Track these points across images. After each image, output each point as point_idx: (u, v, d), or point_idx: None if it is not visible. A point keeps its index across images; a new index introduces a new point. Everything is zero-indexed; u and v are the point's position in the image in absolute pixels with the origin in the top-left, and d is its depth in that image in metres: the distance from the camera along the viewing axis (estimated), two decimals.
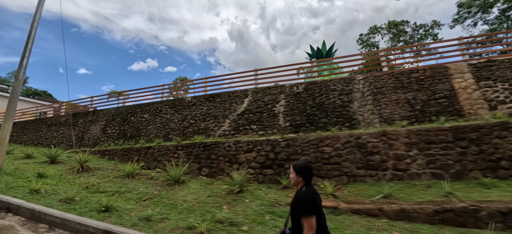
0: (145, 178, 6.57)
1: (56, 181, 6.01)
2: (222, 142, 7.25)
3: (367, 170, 5.79)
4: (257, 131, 9.15)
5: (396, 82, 8.29)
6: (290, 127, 8.82)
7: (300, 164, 1.95)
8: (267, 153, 6.64)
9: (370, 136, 6.05)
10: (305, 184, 1.88)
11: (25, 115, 18.27)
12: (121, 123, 12.29)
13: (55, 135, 13.97)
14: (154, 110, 11.74)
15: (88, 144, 12.40)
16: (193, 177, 6.82)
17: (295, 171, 1.92)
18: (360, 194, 5.02)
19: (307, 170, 1.90)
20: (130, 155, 8.98)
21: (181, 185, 5.93)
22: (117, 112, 12.80)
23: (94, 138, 12.59)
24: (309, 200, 1.72)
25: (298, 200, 1.77)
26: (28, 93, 32.86)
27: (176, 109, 11.22)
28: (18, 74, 7.25)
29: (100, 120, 13.03)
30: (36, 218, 3.52)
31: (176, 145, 8.12)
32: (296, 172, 1.91)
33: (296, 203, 1.79)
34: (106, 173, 7.07)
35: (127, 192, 5.30)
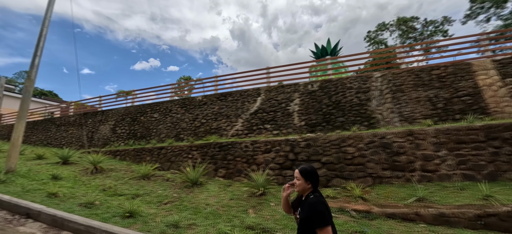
0: (161, 180, 6.40)
1: (71, 183, 5.86)
2: (239, 142, 7.05)
3: (393, 171, 5.54)
4: (271, 131, 8.93)
5: (416, 79, 8.00)
6: (305, 126, 8.59)
7: (307, 168, 1.76)
8: (286, 153, 6.42)
9: (395, 136, 5.80)
10: (313, 191, 1.70)
11: (33, 116, 18.25)
12: (131, 123, 12.16)
13: (64, 135, 13.90)
14: (164, 110, 11.58)
15: (98, 144, 12.30)
16: (209, 179, 6.63)
17: (303, 176, 1.72)
18: (390, 196, 4.78)
19: (316, 175, 1.73)
20: (142, 156, 8.83)
21: (199, 187, 5.75)
22: (126, 112, 12.67)
23: (103, 137, 12.48)
24: (324, 208, 1.56)
25: (312, 209, 1.57)
26: (34, 93, 33.00)
27: (187, 108, 11.04)
28: (31, 73, 7.12)
29: (109, 120, 12.91)
30: (58, 224, 3.35)
31: (190, 145, 7.94)
32: (305, 178, 1.72)
33: (309, 213, 1.58)
34: (120, 175, 6.91)
35: (145, 194, 5.12)
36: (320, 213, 1.53)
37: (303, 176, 1.72)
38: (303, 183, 1.72)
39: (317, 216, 1.52)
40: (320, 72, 12.01)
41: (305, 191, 1.73)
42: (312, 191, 1.70)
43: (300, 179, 1.73)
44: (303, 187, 1.72)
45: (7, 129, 16.72)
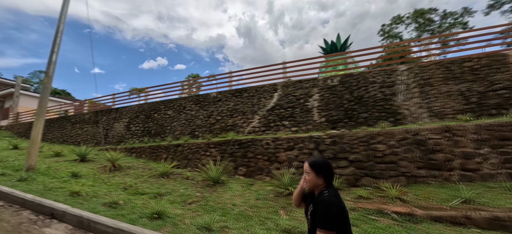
0: (180, 178, 6.21)
1: (91, 181, 5.75)
2: (259, 139, 6.79)
3: (429, 170, 5.15)
4: (289, 127, 8.62)
5: (446, 72, 7.50)
6: (326, 123, 8.24)
7: (319, 161, 1.52)
8: (311, 150, 6.11)
9: (430, 132, 5.40)
10: (326, 186, 1.47)
11: (49, 114, 18.53)
12: (145, 120, 12.09)
13: (79, 132, 14.00)
14: (178, 107, 11.44)
15: (113, 141, 12.30)
16: (230, 177, 6.40)
17: (314, 170, 1.49)
18: (430, 198, 4.42)
19: (329, 169, 1.50)
20: (158, 153, 8.70)
21: (221, 185, 5.52)
22: (140, 109, 12.61)
23: (118, 135, 12.47)
24: (336, 209, 1.34)
25: (321, 207, 1.37)
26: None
27: (201, 105, 10.85)
28: (49, 70, 7.05)
29: (123, 117, 12.89)
30: (84, 226, 3.18)
31: (207, 142, 7.74)
32: (316, 172, 1.48)
33: (317, 210, 1.39)
34: (139, 172, 6.78)
35: (167, 193, 4.93)
36: (329, 214, 1.32)
37: (314, 169, 1.49)
38: (314, 177, 1.48)
39: (324, 215, 1.33)
40: (330, 68, 11.51)
41: (318, 187, 1.50)
42: (326, 187, 1.47)
43: (311, 173, 1.50)
44: (315, 183, 1.49)
45: (24, 127, 17.04)
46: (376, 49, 9.62)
